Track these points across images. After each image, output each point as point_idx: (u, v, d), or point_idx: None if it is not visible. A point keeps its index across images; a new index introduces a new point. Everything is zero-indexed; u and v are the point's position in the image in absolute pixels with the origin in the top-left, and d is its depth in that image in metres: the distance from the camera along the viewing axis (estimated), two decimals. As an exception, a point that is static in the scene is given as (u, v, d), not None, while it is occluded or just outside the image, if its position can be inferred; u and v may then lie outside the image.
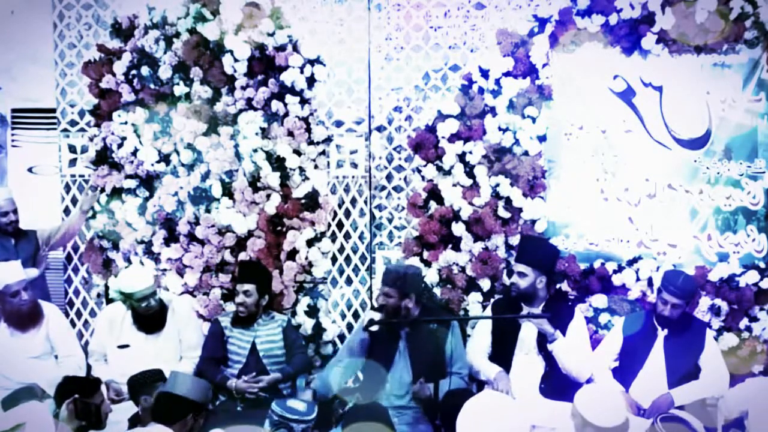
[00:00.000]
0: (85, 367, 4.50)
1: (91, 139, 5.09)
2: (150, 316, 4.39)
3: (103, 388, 3.99)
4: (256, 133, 4.87)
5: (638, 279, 4.69)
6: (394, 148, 5.22)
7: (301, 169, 4.95)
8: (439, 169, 4.85)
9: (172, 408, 3.19)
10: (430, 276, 4.79)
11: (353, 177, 5.21)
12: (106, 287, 5.03)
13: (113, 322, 4.46)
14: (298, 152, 4.92)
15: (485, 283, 4.76)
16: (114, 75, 4.98)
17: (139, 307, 4.33)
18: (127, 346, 4.37)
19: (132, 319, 4.41)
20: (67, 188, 5.33)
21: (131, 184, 4.99)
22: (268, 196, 4.89)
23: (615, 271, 4.74)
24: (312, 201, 4.92)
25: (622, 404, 3.10)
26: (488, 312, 4.48)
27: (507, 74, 4.75)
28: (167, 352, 4.41)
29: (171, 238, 4.96)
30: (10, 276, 4.30)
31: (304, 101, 4.91)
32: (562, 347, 4.06)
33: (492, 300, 4.66)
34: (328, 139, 5.05)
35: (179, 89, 4.90)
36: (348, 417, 3.24)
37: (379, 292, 4.11)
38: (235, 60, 4.81)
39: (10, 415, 2.97)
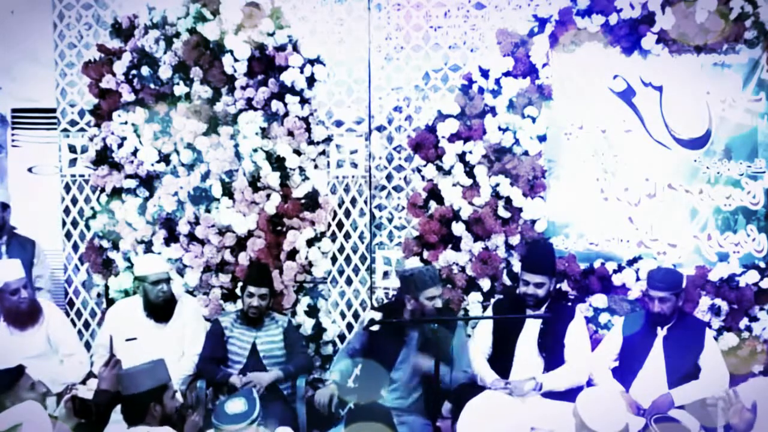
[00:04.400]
0: (89, 365, 4.50)
1: (91, 139, 5.09)
2: (161, 305, 4.45)
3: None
4: (256, 133, 4.87)
5: (638, 279, 4.68)
6: (394, 148, 5.22)
7: (301, 169, 4.96)
8: (439, 169, 4.85)
9: (132, 409, 3.16)
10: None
11: (353, 177, 5.21)
12: (106, 287, 5.04)
13: (124, 316, 4.51)
14: (298, 152, 4.93)
15: (485, 283, 4.76)
16: (114, 75, 4.98)
17: (152, 291, 4.41)
18: (134, 339, 4.40)
19: (143, 307, 4.47)
20: (67, 188, 5.33)
21: (131, 184, 5.00)
22: (268, 196, 4.89)
23: (615, 271, 4.74)
24: (312, 201, 4.92)
25: (623, 410, 3.09)
26: (489, 312, 4.49)
27: (507, 74, 4.75)
28: (173, 343, 4.45)
29: (171, 238, 4.97)
30: (10, 274, 4.31)
31: (304, 101, 4.92)
32: (552, 381, 4.07)
33: (492, 300, 4.66)
34: (328, 139, 5.06)
35: (179, 89, 4.91)
36: (350, 417, 3.24)
37: (405, 301, 4.05)
38: (235, 60, 4.81)
39: (8, 415, 2.96)
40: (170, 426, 3.18)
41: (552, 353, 4.15)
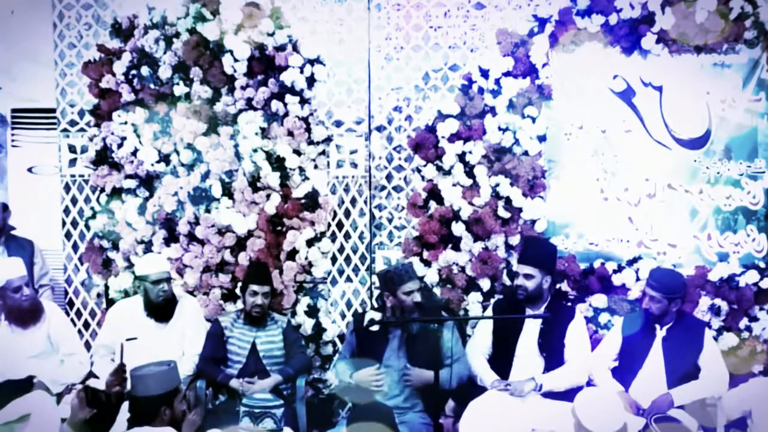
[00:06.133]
0: (89, 365, 4.51)
1: (91, 139, 5.09)
2: (161, 305, 4.44)
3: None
4: (256, 133, 4.87)
5: (638, 279, 4.68)
6: (394, 148, 5.22)
7: (301, 169, 4.95)
8: (439, 169, 4.85)
9: (141, 411, 3.16)
10: (430, 276, 4.79)
11: (353, 177, 5.21)
12: (106, 287, 5.04)
13: (124, 316, 4.50)
14: (298, 152, 4.92)
15: (485, 283, 4.76)
16: (114, 75, 4.98)
17: (153, 290, 4.39)
18: (134, 338, 4.39)
19: (144, 307, 4.46)
20: (67, 188, 5.33)
21: (131, 184, 4.99)
22: (268, 196, 4.89)
23: (615, 271, 4.74)
24: (312, 201, 4.92)
25: (620, 410, 3.09)
26: (489, 312, 4.49)
27: (507, 74, 4.75)
28: (173, 343, 4.44)
29: (171, 238, 4.96)
30: (12, 271, 4.32)
31: (304, 101, 4.92)
32: (552, 381, 4.08)
33: (492, 300, 4.66)
34: (328, 139, 5.06)
35: (179, 89, 4.90)
36: (353, 417, 3.25)
37: (384, 298, 4.13)
38: (235, 60, 4.81)
39: (16, 405, 2.95)
40: (174, 428, 3.18)
41: (552, 353, 4.15)
